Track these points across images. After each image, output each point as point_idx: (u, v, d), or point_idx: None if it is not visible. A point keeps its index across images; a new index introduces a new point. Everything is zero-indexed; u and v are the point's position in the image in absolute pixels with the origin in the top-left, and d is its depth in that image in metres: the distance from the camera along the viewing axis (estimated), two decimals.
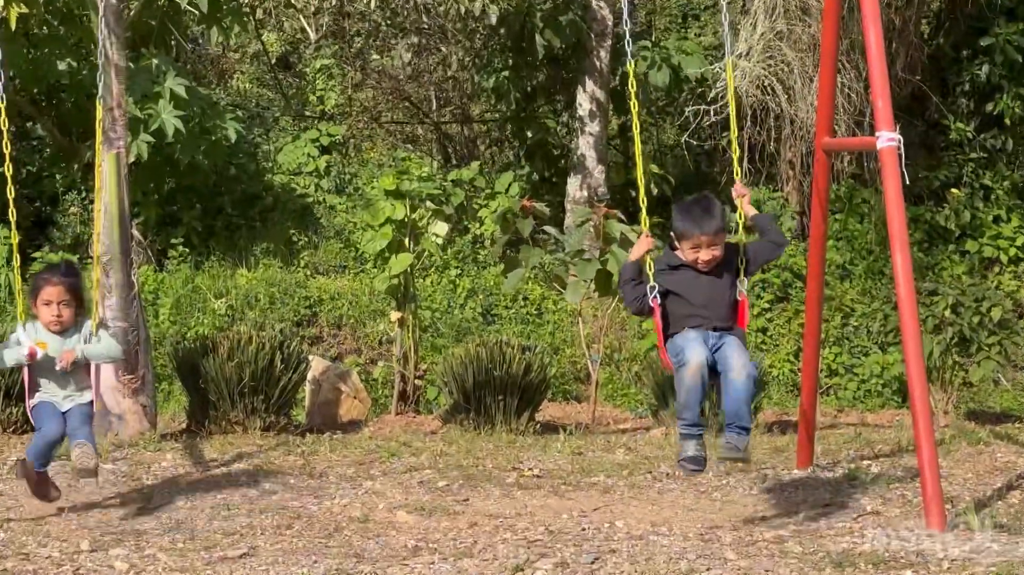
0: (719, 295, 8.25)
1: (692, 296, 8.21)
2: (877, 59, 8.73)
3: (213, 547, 7.98)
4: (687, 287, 8.23)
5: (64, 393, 8.90)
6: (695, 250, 8.21)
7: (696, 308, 8.19)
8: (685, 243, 8.26)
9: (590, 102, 19.76)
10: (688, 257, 8.25)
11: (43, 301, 8.90)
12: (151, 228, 19.37)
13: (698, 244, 8.21)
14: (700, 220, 8.27)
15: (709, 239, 8.20)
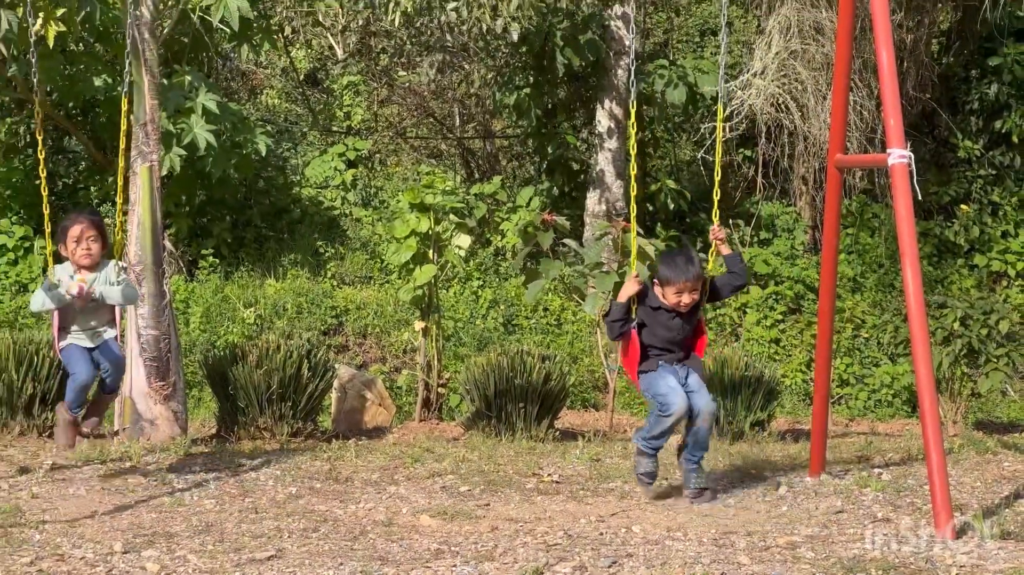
0: (684, 332, 9.50)
1: (665, 334, 9.45)
2: (889, 78, 8.83)
3: (242, 549, 8.04)
4: (662, 326, 9.46)
5: (89, 332, 9.61)
6: (678, 295, 9.36)
7: (667, 344, 9.46)
8: (670, 288, 9.38)
9: (608, 119, 19.85)
10: (671, 301, 9.39)
11: (72, 238, 9.54)
12: (183, 239, 19.53)
13: (681, 290, 9.34)
14: (684, 269, 9.39)
15: (691, 285, 9.34)
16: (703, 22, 23.61)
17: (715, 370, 13.58)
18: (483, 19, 17.83)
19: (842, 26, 10.00)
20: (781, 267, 19.35)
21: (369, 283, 19.67)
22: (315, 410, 13.48)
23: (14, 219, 19.01)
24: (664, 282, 9.42)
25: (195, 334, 17.62)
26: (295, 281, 19.04)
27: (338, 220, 20.88)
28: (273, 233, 20.19)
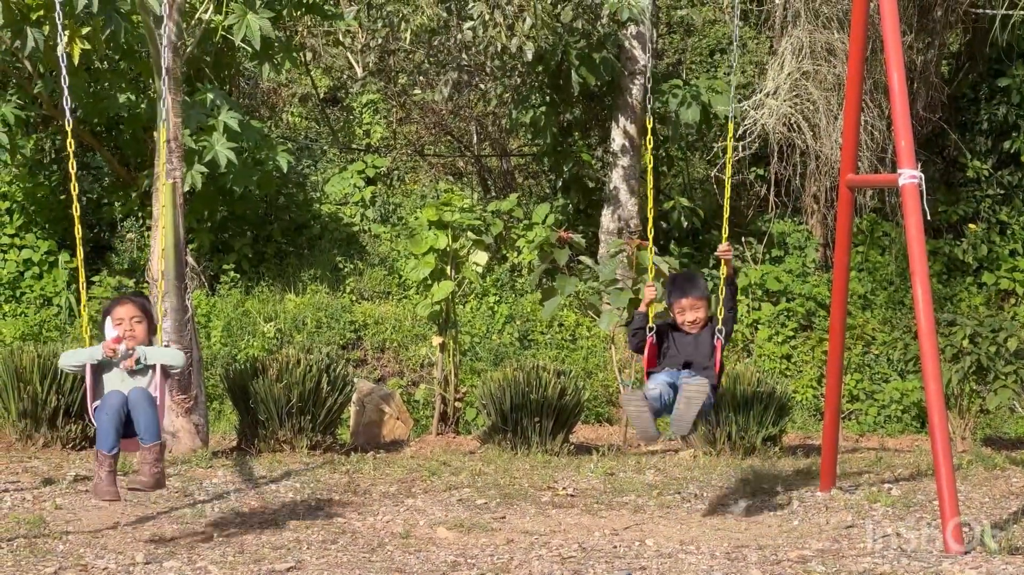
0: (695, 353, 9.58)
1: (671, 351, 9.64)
2: (900, 99, 8.93)
3: (262, 560, 8.12)
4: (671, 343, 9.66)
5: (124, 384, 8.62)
6: (681, 313, 9.64)
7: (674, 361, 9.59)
8: (675, 306, 9.69)
9: (623, 137, 19.91)
10: (677, 319, 9.67)
11: (115, 320, 8.75)
12: (204, 254, 19.63)
13: (683, 308, 9.62)
14: (682, 287, 9.74)
15: (691, 303, 9.59)
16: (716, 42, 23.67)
17: (728, 386, 13.63)
18: (498, 38, 17.93)
19: (854, 48, 10.08)
20: (792, 284, 19.39)
21: (387, 298, 19.74)
22: (334, 423, 13.53)
23: (39, 233, 19.16)
24: (669, 304, 9.77)
25: (216, 348, 17.70)
26: (315, 296, 19.12)
27: (357, 236, 20.97)
28: (293, 248, 20.28)
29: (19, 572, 7.82)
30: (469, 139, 24.28)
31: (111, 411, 8.44)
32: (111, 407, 8.45)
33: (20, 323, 17.96)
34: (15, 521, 9.35)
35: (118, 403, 8.45)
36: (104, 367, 8.66)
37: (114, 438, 8.47)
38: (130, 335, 8.70)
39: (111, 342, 8.61)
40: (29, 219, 19.18)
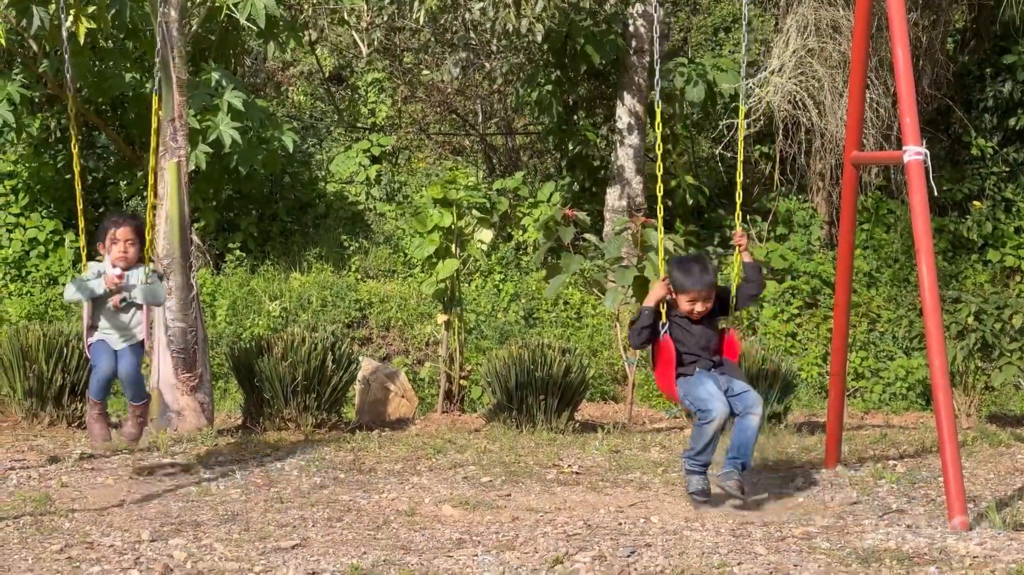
0: (708, 337, 9.38)
1: (687, 340, 9.32)
2: (905, 76, 8.87)
3: (267, 538, 8.13)
4: (683, 332, 9.35)
5: (118, 333, 9.89)
6: (691, 303, 9.29)
7: (693, 350, 9.31)
8: (683, 296, 9.31)
9: (629, 116, 19.92)
10: (684, 308, 9.32)
11: (111, 239, 9.87)
12: (210, 233, 19.66)
13: (695, 298, 9.27)
14: (699, 278, 9.32)
15: (705, 293, 9.27)
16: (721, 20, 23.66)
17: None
18: (507, 19, 17.91)
19: (859, 25, 10.03)
20: (797, 262, 19.40)
21: (392, 277, 19.78)
22: (339, 402, 13.54)
23: (44, 213, 19.18)
24: (678, 289, 9.34)
25: (221, 326, 17.73)
26: (320, 275, 19.15)
27: (362, 215, 21.00)
28: (298, 227, 20.31)
29: (25, 549, 7.84)
30: (474, 118, 24.28)
31: (103, 378, 9.87)
32: (102, 375, 9.85)
33: (26, 302, 18.00)
34: (21, 499, 9.36)
35: (109, 371, 9.83)
36: (100, 299, 9.86)
37: (104, 394, 10.06)
38: (123, 256, 9.86)
39: (114, 278, 9.74)
40: (35, 198, 19.22)
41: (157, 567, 7.40)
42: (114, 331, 9.90)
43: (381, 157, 22.08)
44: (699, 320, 9.34)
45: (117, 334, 9.90)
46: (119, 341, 9.90)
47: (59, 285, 18.66)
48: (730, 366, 9.42)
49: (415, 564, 7.44)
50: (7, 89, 17.74)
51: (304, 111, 24.78)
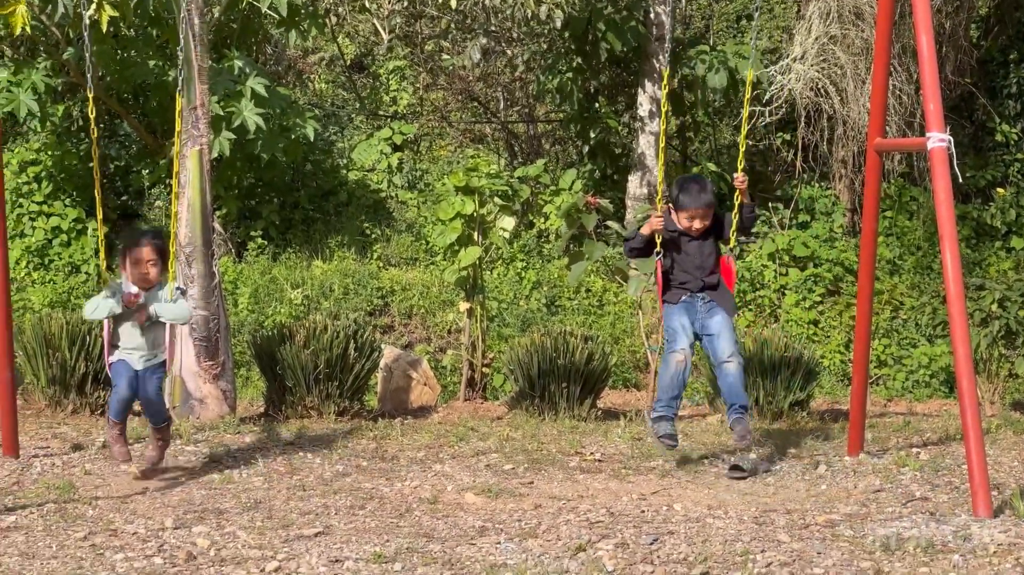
0: (706, 256, 9.98)
1: (684, 259, 9.95)
2: (929, 63, 8.84)
3: (290, 526, 8.14)
4: (681, 249, 9.96)
5: (140, 352, 9.51)
6: (691, 220, 9.88)
7: (689, 269, 9.94)
8: (683, 213, 9.92)
9: (650, 103, 19.89)
10: (683, 225, 9.93)
11: (132, 260, 9.48)
12: (232, 221, 19.70)
13: (694, 215, 9.87)
14: (697, 195, 9.92)
15: (703, 211, 9.87)
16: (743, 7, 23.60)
17: (755, 351, 13.64)
18: (527, 5, 17.89)
19: (882, 11, 10.00)
20: (820, 250, 19.36)
21: (414, 264, 19.78)
22: (361, 390, 13.55)
23: (67, 201, 19.23)
24: (679, 207, 9.93)
25: (243, 314, 17.76)
26: (342, 262, 19.16)
27: (384, 202, 21.01)
28: (320, 215, 20.32)
29: (49, 537, 7.87)
30: (496, 105, 24.28)
31: (123, 400, 9.52)
32: (123, 398, 9.51)
33: (49, 290, 18.06)
34: (45, 486, 9.40)
35: (130, 395, 9.51)
36: (121, 316, 9.47)
37: (123, 415, 9.66)
38: (144, 277, 9.48)
39: (132, 296, 9.38)
40: (58, 187, 19.25)
41: (180, 554, 7.42)
42: (135, 351, 9.52)
43: (403, 145, 22.08)
44: (697, 238, 9.91)
45: (138, 354, 9.51)
46: (140, 361, 9.51)
47: (81, 273, 18.71)
48: (722, 292, 9.97)
49: (438, 552, 7.45)
50: (32, 78, 17.78)
51: (325, 99, 24.80)
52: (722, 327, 9.81)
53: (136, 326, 9.47)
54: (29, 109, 17.73)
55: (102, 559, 7.37)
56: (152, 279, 9.50)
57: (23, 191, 19.10)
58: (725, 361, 9.77)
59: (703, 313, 9.88)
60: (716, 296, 9.93)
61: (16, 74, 17.86)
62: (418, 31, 24.64)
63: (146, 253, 9.48)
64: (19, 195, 19.03)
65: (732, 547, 7.47)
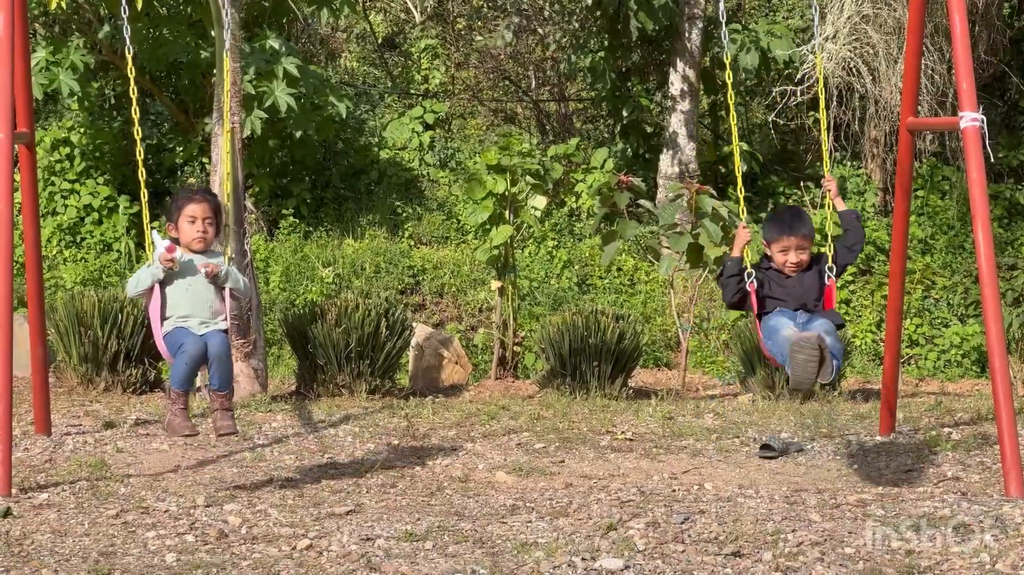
0: (806, 289, 8.63)
1: (781, 294, 8.61)
2: (962, 42, 8.80)
3: (321, 504, 8.18)
4: (776, 287, 8.64)
5: (199, 319, 8.34)
6: (784, 253, 8.62)
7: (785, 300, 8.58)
8: (775, 246, 8.66)
9: (682, 82, 19.84)
10: (778, 260, 8.65)
11: (188, 217, 8.42)
12: (263, 199, 19.75)
13: (787, 247, 8.61)
14: (788, 224, 8.72)
15: (798, 242, 8.61)
16: None
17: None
18: None
19: None
20: None
21: (446, 243, 19.81)
22: (393, 368, 13.59)
23: (100, 179, 19.28)
24: (769, 240, 8.73)
25: (275, 293, 17.81)
26: (373, 241, 19.20)
27: (416, 181, 21.03)
28: (352, 194, 20.36)
29: (82, 514, 7.91)
30: (527, 84, 24.27)
31: (191, 360, 8.23)
32: (191, 356, 8.21)
33: (80, 268, 18.14)
34: (77, 464, 9.46)
35: (198, 351, 8.22)
36: (167, 280, 8.33)
37: (191, 380, 8.36)
38: (202, 237, 8.43)
39: (166, 254, 8.25)
40: (90, 165, 19.30)
41: (212, 532, 7.46)
42: (193, 318, 8.34)
43: (434, 123, 22.09)
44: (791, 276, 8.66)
45: (196, 320, 8.33)
46: (200, 327, 8.31)
47: (113, 251, 18.77)
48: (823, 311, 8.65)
49: (469, 530, 7.46)
50: (71, 57, 17.84)
51: (357, 77, 24.81)
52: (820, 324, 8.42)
53: (190, 291, 8.34)
54: (71, 88, 17.80)
55: (134, 537, 7.41)
56: (209, 239, 8.45)
57: (55, 169, 19.15)
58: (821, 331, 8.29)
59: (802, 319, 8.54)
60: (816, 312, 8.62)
61: (55, 53, 17.92)
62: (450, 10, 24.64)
63: (202, 210, 8.41)
64: (51, 173, 19.08)
65: (763, 526, 7.46)
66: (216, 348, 8.24)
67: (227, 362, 8.36)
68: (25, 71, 10.03)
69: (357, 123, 21.48)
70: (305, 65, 18.45)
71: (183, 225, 8.43)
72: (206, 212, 8.42)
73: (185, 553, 7.06)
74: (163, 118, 20.54)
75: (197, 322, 8.31)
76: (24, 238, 10.37)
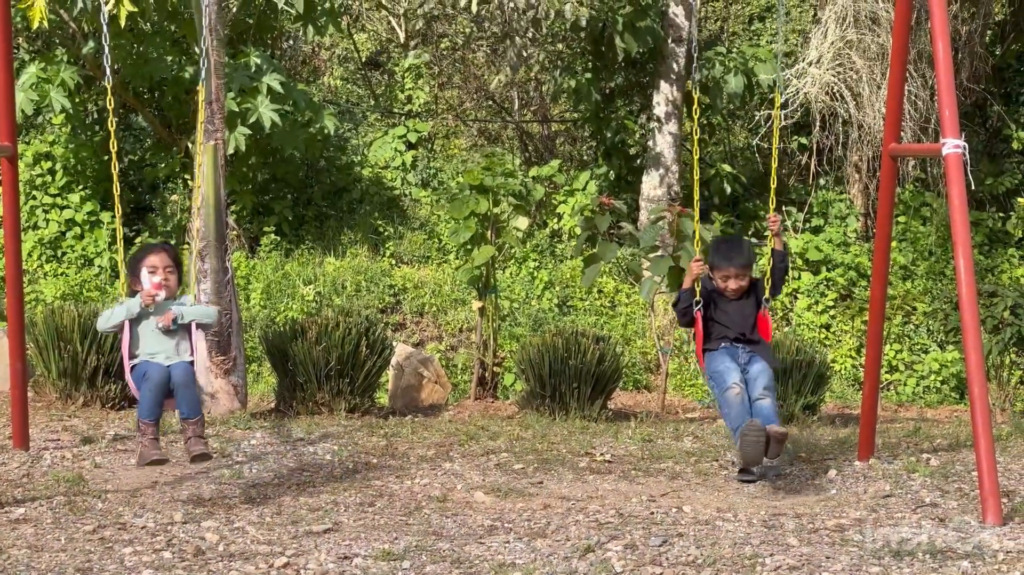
0: (745, 315, 9.75)
1: (723, 318, 9.73)
2: (944, 69, 8.82)
3: (299, 522, 8.15)
4: (719, 311, 9.77)
5: (165, 354, 8.66)
6: (724, 280, 9.74)
7: (726, 326, 9.70)
8: (718, 273, 9.76)
9: (666, 104, 19.90)
10: (720, 285, 9.76)
11: (149, 268, 8.75)
12: (245, 216, 19.74)
13: (727, 275, 9.73)
14: (727, 255, 9.82)
15: (736, 271, 9.72)
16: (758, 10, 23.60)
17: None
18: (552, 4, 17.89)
19: (899, 17, 10.01)
20: (833, 254, 19.38)
21: (427, 262, 19.82)
22: (372, 387, 13.59)
23: (81, 194, 19.26)
24: (712, 266, 9.80)
25: (255, 310, 17.80)
26: (354, 259, 19.21)
27: (398, 200, 21.05)
28: (334, 212, 20.37)
29: (59, 529, 7.89)
30: (511, 105, 24.30)
31: (155, 387, 8.55)
32: (155, 384, 8.54)
33: (61, 283, 18.11)
34: (55, 479, 9.43)
35: (161, 379, 8.56)
36: (138, 319, 8.69)
37: (157, 410, 8.64)
38: (164, 285, 8.76)
39: (152, 289, 8.68)
40: (72, 179, 19.29)
41: (189, 549, 7.42)
42: (160, 354, 8.69)
43: (417, 143, 22.12)
44: (736, 299, 9.75)
45: (162, 356, 8.68)
46: (166, 361, 8.67)
47: (94, 266, 18.74)
48: (763, 347, 9.76)
49: (447, 550, 7.44)
50: (60, 75, 17.84)
51: (340, 96, 24.83)
52: (760, 373, 9.51)
53: (157, 332, 8.70)
54: (62, 106, 17.82)
55: (111, 552, 7.38)
56: (172, 287, 8.82)
57: (37, 183, 19.13)
58: (758, 398, 9.42)
59: (744, 360, 9.61)
60: (757, 349, 9.70)
61: (45, 70, 17.91)
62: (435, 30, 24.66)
63: (163, 259, 8.81)
64: (33, 187, 19.07)
65: (741, 550, 7.45)
66: (179, 377, 8.60)
67: (192, 389, 8.69)
68: (7, 85, 10.02)
69: (340, 141, 21.50)
70: (290, 82, 18.46)
71: (145, 277, 8.78)
72: (166, 261, 8.81)
73: (162, 570, 7.03)
74: (146, 134, 20.53)
75: (163, 358, 8.69)
76: (5, 252, 10.36)
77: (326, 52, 25.57)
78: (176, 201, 19.43)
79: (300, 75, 23.80)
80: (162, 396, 8.62)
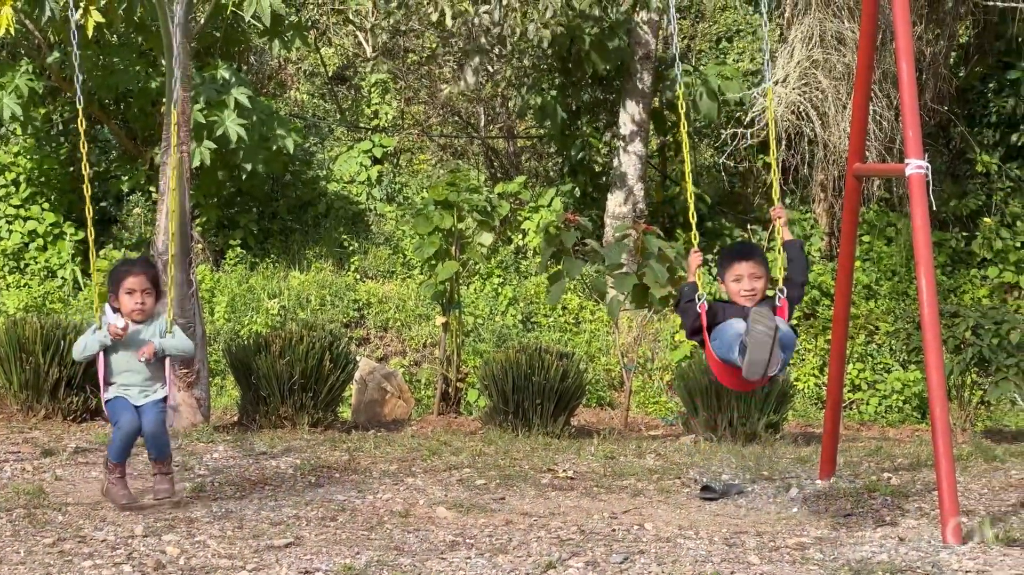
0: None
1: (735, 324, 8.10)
2: (909, 90, 8.82)
3: (260, 536, 8.12)
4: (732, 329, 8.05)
5: (139, 387, 8.90)
6: (737, 282, 8.37)
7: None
8: (728, 275, 8.39)
9: (632, 122, 19.96)
10: (731, 291, 8.36)
11: (126, 290, 8.85)
12: (210, 230, 19.70)
13: (739, 275, 8.35)
14: (741, 252, 8.53)
15: (749, 268, 8.34)
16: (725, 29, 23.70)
17: None
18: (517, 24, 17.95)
19: (864, 38, 10.04)
20: None
21: (391, 277, 19.81)
22: (336, 401, 13.59)
23: (45, 205, 19.20)
24: (722, 271, 8.44)
25: (220, 323, 17.76)
26: (319, 274, 19.19)
27: (363, 215, 21.05)
28: (299, 226, 20.36)
29: (18, 542, 7.84)
30: (477, 121, 24.32)
31: (126, 436, 8.87)
32: (126, 433, 8.85)
33: (24, 294, 18.02)
34: (15, 491, 9.38)
35: (132, 428, 8.84)
36: (113, 347, 8.89)
37: (126, 454, 9.00)
38: (140, 309, 8.91)
39: (119, 329, 8.80)
40: (36, 190, 19.22)
41: (149, 562, 7.39)
42: (133, 387, 8.90)
43: (383, 158, 22.12)
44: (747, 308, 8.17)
45: (137, 390, 8.89)
46: (139, 397, 8.90)
47: (57, 278, 18.66)
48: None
49: (408, 565, 7.42)
50: (15, 81, 17.77)
51: (306, 110, 24.82)
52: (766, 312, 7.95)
53: (132, 358, 8.86)
54: (12, 112, 17.72)
55: (71, 566, 7.34)
56: (148, 310, 8.92)
57: (0, 194, 19.05)
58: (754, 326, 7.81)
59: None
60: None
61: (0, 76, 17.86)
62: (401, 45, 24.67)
63: (141, 281, 8.90)
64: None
65: (702, 568, 7.45)
66: (150, 425, 8.86)
67: (162, 436, 8.96)
68: None
69: (306, 155, 21.48)
70: (256, 97, 18.44)
71: (122, 297, 8.92)
72: (143, 284, 8.92)
73: None
74: (110, 145, 20.48)
75: (137, 391, 8.93)
76: None
77: (293, 67, 25.56)
78: (140, 214, 19.38)
79: (267, 89, 23.78)
80: (132, 442, 8.95)
